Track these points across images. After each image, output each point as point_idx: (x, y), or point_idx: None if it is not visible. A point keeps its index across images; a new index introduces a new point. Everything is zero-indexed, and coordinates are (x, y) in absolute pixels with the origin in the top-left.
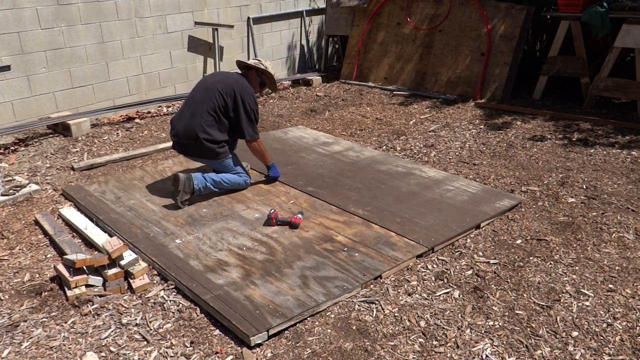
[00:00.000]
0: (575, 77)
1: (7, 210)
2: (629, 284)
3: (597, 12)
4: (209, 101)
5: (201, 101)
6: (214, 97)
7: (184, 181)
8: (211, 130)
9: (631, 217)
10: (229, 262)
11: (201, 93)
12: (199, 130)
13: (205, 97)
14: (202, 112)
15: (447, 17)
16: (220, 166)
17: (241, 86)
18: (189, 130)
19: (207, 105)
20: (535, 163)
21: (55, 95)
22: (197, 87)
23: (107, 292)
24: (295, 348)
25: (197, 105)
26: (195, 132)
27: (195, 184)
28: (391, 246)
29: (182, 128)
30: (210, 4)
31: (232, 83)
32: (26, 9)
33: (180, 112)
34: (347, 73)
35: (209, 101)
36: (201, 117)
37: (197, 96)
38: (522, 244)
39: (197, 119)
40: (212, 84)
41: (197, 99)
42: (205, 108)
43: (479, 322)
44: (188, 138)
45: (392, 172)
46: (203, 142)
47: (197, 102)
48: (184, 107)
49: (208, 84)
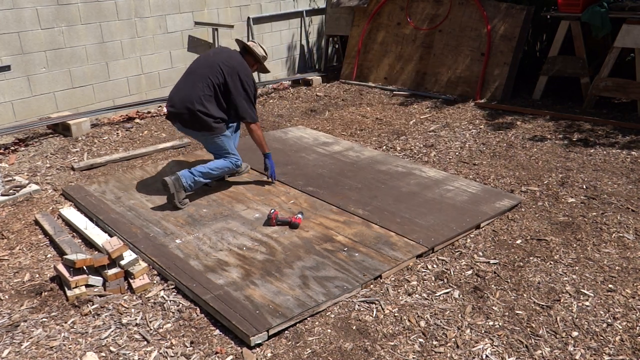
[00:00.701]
0: (575, 77)
1: (7, 210)
2: (629, 284)
3: (597, 12)
4: (210, 76)
5: (202, 75)
6: (215, 74)
7: (172, 183)
8: (208, 104)
9: (631, 217)
10: (229, 262)
11: (203, 68)
12: (196, 101)
13: (207, 72)
14: (202, 86)
15: (447, 17)
16: (214, 144)
17: (244, 69)
18: (186, 100)
19: (207, 80)
20: (535, 163)
21: (55, 95)
22: (199, 61)
23: (107, 292)
24: (295, 348)
25: (197, 79)
26: (192, 103)
27: (183, 182)
28: (391, 246)
29: (179, 98)
30: (210, 4)
31: (236, 65)
32: (26, 9)
33: (179, 84)
34: (347, 73)
35: (211, 77)
36: (201, 89)
37: (199, 70)
38: (522, 244)
39: (196, 91)
40: (215, 62)
41: (199, 73)
42: (205, 82)
43: (479, 322)
44: (184, 108)
45: (392, 172)
46: (198, 114)
47: (198, 76)
48: (183, 79)
49: (210, 60)
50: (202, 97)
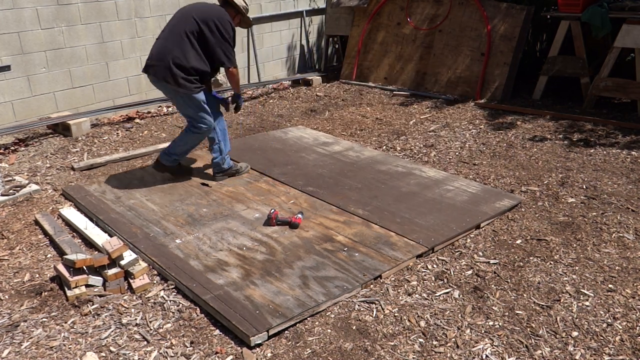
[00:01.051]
0: (575, 77)
1: (7, 210)
2: (629, 284)
3: (597, 12)
4: (183, 25)
5: (176, 26)
6: (189, 23)
7: (161, 163)
8: (186, 54)
9: (631, 217)
10: (229, 262)
11: (177, 20)
12: (169, 53)
13: (181, 22)
14: (176, 36)
15: (447, 17)
16: (186, 104)
17: (218, 14)
18: (161, 51)
19: (181, 28)
20: (535, 163)
21: (55, 95)
22: (174, 16)
23: (107, 292)
24: (295, 348)
25: (171, 30)
26: (165, 54)
27: (164, 161)
28: (391, 246)
29: (156, 50)
30: None
31: (211, 13)
32: (26, 9)
33: (157, 40)
34: (347, 73)
35: (184, 25)
36: (175, 40)
37: (172, 22)
38: (522, 244)
39: (170, 42)
40: (188, 12)
41: (172, 24)
42: (179, 31)
43: (479, 322)
44: (159, 60)
45: (392, 172)
46: (172, 66)
47: (171, 27)
48: (162, 35)
49: (184, 11)
50: (176, 46)
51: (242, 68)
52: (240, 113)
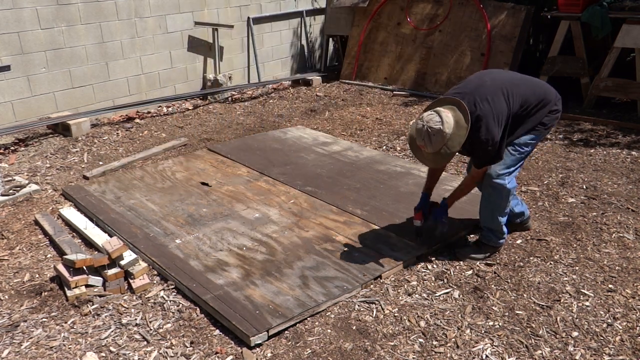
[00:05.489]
0: (575, 77)
1: (7, 210)
2: (629, 284)
3: (597, 12)
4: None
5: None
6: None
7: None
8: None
9: (631, 217)
10: (229, 262)
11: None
12: None
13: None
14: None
15: (447, 17)
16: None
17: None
18: None
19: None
20: (535, 163)
21: (55, 95)
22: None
23: (107, 292)
24: (295, 348)
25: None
26: None
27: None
28: (391, 246)
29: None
30: (210, 4)
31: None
32: (26, 9)
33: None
34: (347, 73)
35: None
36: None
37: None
38: (522, 244)
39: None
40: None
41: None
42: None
43: (479, 322)
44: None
45: (390, 172)
46: None
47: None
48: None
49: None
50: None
51: (242, 68)
52: (240, 113)
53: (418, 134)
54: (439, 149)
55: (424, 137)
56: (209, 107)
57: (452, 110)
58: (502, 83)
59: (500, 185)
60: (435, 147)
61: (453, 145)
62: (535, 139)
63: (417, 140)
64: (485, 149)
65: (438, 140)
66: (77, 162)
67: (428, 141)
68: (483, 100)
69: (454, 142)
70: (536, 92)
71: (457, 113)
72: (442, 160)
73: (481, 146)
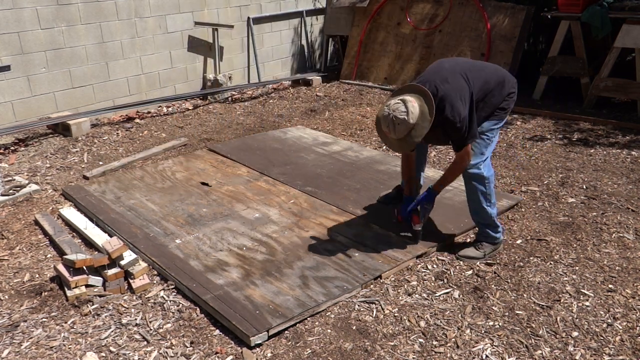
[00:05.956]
0: (575, 77)
1: (7, 210)
2: (629, 284)
3: (597, 12)
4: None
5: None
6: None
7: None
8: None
9: (631, 217)
10: (229, 262)
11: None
12: None
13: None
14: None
15: (447, 17)
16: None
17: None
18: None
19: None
20: (535, 163)
21: (55, 95)
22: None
23: (107, 292)
24: (295, 348)
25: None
26: None
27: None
28: (391, 246)
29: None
30: (210, 4)
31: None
32: (26, 9)
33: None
34: (347, 73)
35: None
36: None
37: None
38: (522, 244)
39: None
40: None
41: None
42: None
43: (479, 322)
44: None
45: (390, 172)
46: None
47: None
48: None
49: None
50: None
51: (242, 68)
52: (240, 113)
53: (384, 120)
54: (404, 137)
55: (388, 124)
56: (209, 107)
57: (418, 99)
58: (460, 67)
59: (477, 174)
60: (399, 135)
61: (416, 134)
62: (498, 124)
63: (382, 125)
64: (456, 127)
65: (402, 129)
66: (77, 162)
67: (392, 129)
68: (443, 82)
69: (417, 132)
70: (496, 74)
71: (423, 103)
72: (407, 147)
73: (451, 126)
